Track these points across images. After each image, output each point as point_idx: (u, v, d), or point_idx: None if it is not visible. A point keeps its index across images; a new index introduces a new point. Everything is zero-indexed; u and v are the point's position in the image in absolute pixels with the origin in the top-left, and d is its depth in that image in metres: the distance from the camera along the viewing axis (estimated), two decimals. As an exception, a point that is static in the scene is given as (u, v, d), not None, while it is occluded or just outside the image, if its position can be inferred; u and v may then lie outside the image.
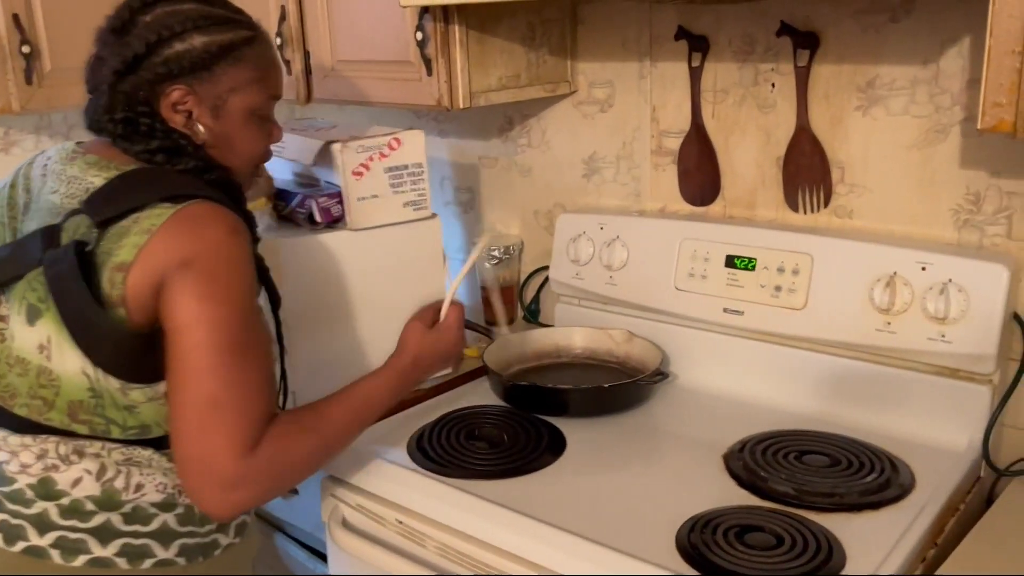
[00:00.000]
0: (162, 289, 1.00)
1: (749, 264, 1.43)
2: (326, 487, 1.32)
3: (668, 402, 1.46)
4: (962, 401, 1.26)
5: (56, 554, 1.04)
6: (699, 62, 1.53)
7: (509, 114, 1.86)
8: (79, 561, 1.05)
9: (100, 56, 1.12)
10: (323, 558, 1.48)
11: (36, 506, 1.05)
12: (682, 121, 1.59)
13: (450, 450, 1.30)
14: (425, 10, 1.48)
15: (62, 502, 1.05)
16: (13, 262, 1.08)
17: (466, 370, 1.61)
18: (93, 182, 1.08)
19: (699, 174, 1.58)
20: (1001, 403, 1.26)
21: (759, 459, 1.23)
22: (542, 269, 1.82)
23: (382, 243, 1.19)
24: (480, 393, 1.51)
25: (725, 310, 1.45)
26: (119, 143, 1.11)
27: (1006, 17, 0.93)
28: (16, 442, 1.07)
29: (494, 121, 1.89)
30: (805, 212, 1.48)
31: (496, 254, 1.82)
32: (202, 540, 1.12)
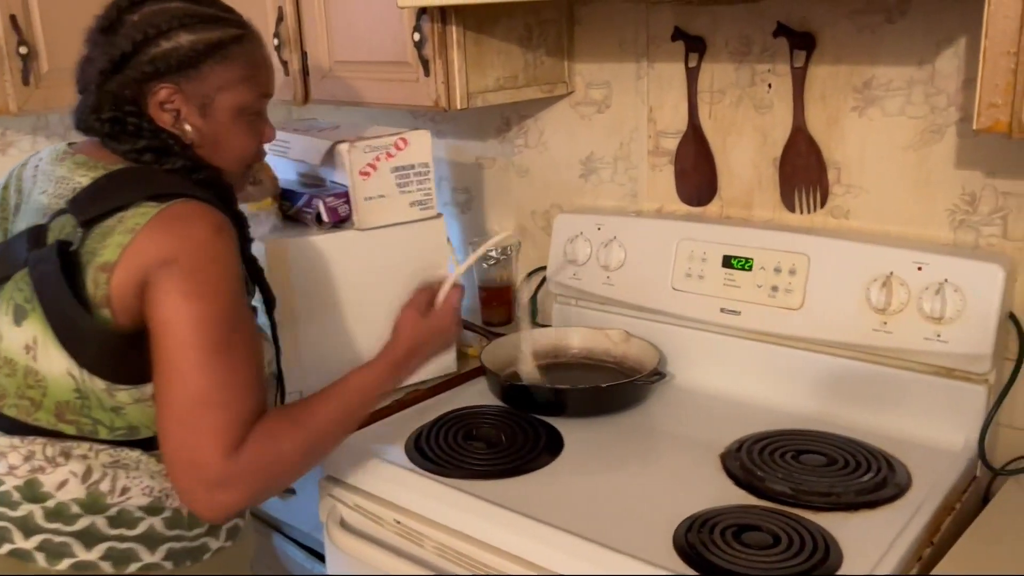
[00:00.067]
0: (146, 288, 0.98)
1: (746, 264, 1.43)
2: (324, 487, 1.33)
3: (665, 402, 1.46)
4: (958, 401, 1.27)
5: (41, 557, 1.03)
6: (696, 63, 1.53)
7: (506, 115, 1.86)
8: (63, 564, 1.04)
9: (89, 56, 1.11)
10: (321, 558, 1.48)
11: (22, 508, 1.04)
12: (679, 122, 1.59)
13: (448, 450, 1.30)
14: (422, 11, 1.48)
15: (47, 505, 1.04)
16: (1, 263, 1.07)
17: (464, 370, 1.62)
18: (80, 182, 1.07)
19: (696, 174, 1.59)
20: (997, 402, 1.27)
21: (756, 459, 1.23)
22: (540, 269, 1.82)
23: (388, 243, 1.19)
24: (478, 393, 1.51)
25: (722, 310, 1.45)
26: (107, 143, 1.10)
27: (1001, 18, 0.93)
28: (5, 443, 1.06)
29: (491, 122, 1.89)
30: (802, 212, 1.48)
31: (494, 255, 1.83)
32: (190, 544, 1.11)
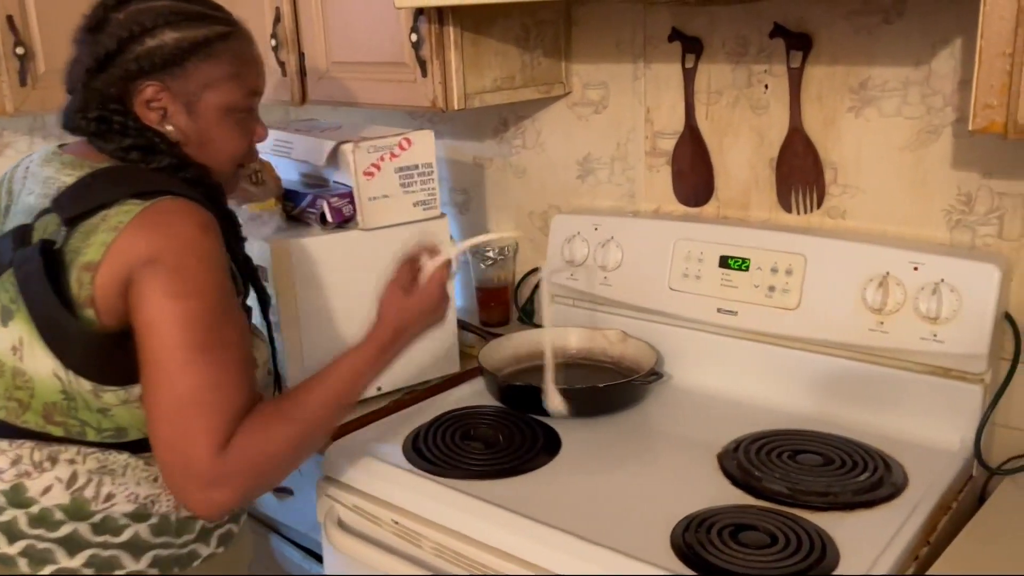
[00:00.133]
0: (130, 288, 0.98)
1: (743, 264, 1.44)
2: (322, 487, 1.33)
3: (662, 402, 1.46)
4: (954, 400, 1.27)
5: (24, 563, 1.03)
6: (693, 63, 1.54)
7: (504, 115, 1.86)
8: (46, 571, 1.03)
9: (77, 55, 1.11)
10: (319, 559, 1.48)
11: (6, 513, 1.04)
12: (676, 122, 1.59)
13: (446, 450, 1.30)
14: (420, 12, 1.48)
15: (31, 510, 1.04)
16: None
17: (461, 371, 1.62)
18: (65, 181, 1.06)
19: (693, 175, 1.59)
20: (993, 402, 1.27)
21: (753, 458, 1.23)
22: (537, 270, 1.83)
23: (393, 243, 1.19)
24: (475, 394, 1.51)
25: (719, 310, 1.46)
26: (94, 142, 1.10)
27: (997, 19, 0.93)
28: None
29: (489, 122, 1.89)
30: (798, 213, 1.48)
31: (491, 255, 1.83)
32: (178, 551, 1.10)
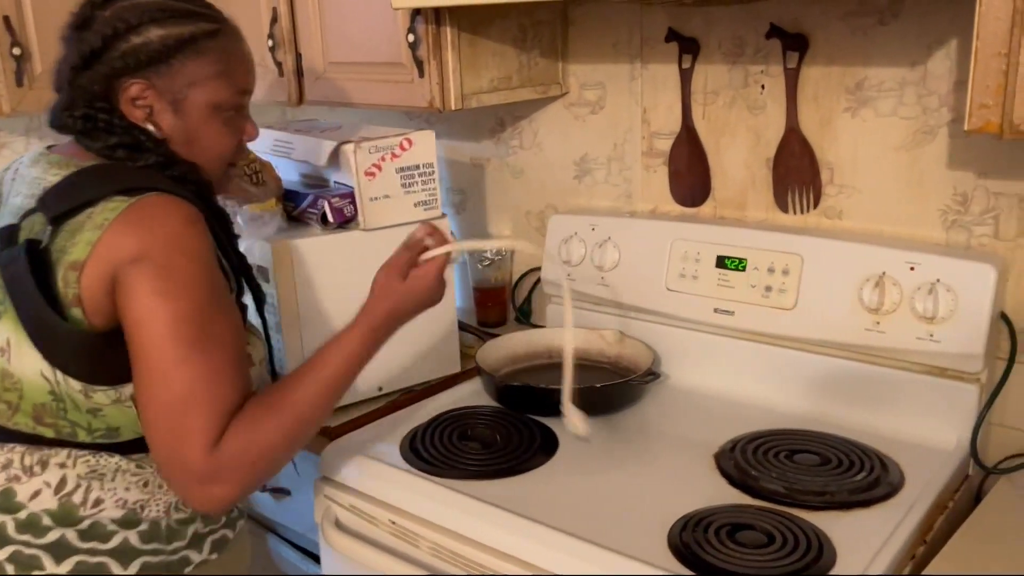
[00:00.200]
0: (117, 286, 0.97)
1: (739, 265, 1.44)
2: (319, 488, 1.33)
3: (660, 402, 1.46)
4: (950, 400, 1.27)
5: (11, 569, 1.02)
6: (689, 64, 1.54)
7: (501, 116, 1.86)
8: None
9: (64, 54, 1.10)
10: (316, 559, 1.48)
11: None
12: (673, 123, 1.59)
13: (443, 450, 1.30)
14: (417, 12, 1.48)
15: (19, 516, 1.03)
16: None
17: (459, 371, 1.62)
18: (51, 181, 1.05)
19: (690, 175, 1.59)
20: (989, 402, 1.27)
21: (750, 458, 1.24)
22: (534, 270, 1.83)
23: (393, 243, 1.19)
24: (473, 394, 1.51)
25: (716, 310, 1.46)
26: (80, 140, 1.09)
27: (992, 19, 0.94)
28: None
29: (486, 123, 1.89)
30: (795, 213, 1.48)
31: (488, 255, 1.83)
32: (169, 558, 1.09)
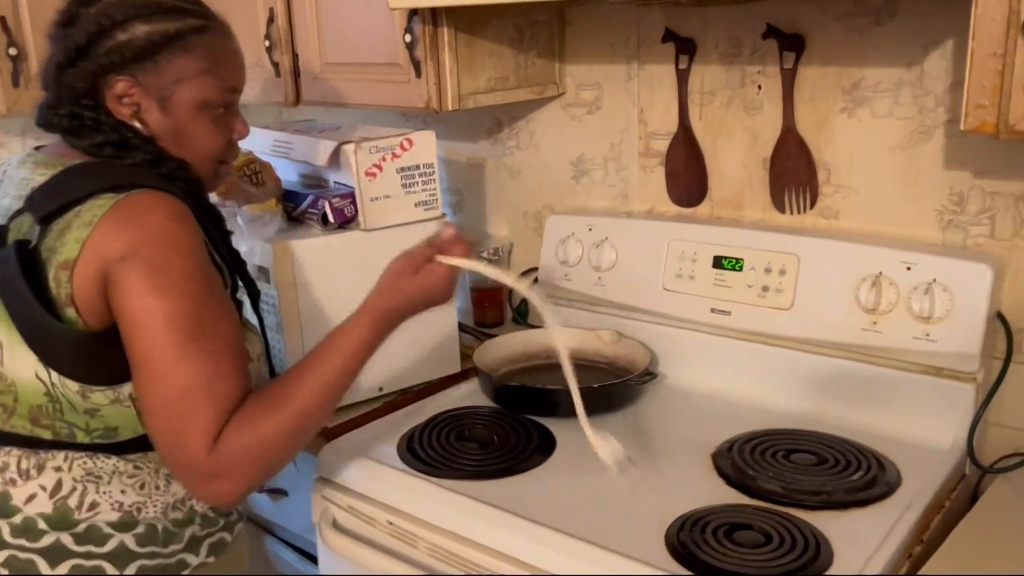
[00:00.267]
0: (109, 285, 0.96)
1: (736, 265, 1.44)
2: (316, 488, 1.32)
3: (657, 402, 1.46)
4: (947, 399, 1.27)
5: (5, 573, 1.02)
6: (686, 64, 1.54)
7: (498, 116, 1.86)
8: None
9: (50, 52, 1.09)
10: (313, 560, 1.48)
11: None
12: (669, 123, 1.59)
13: (440, 451, 1.30)
14: (414, 12, 1.48)
15: (14, 520, 1.03)
16: None
17: (457, 371, 1.62)
18: (39, 180, 1.04)
19: (686, 175, 1.59)
20: (985, 401, 1.28)
21: (747, 458, 1.24)
22: (531, 270, 1.83)
23: (394, 243, 1.19)
24: (470, 394, 1.51)
25: (713, 310, 1.46)
26: (67, 138, 1.08)
27: (988, 20, 0.94)
28: None
29: (483, 123, 1.89)
30: (791, 213, 1.49)
31: (485, 256, 1.83)
32: (165, 561, 1.08)
